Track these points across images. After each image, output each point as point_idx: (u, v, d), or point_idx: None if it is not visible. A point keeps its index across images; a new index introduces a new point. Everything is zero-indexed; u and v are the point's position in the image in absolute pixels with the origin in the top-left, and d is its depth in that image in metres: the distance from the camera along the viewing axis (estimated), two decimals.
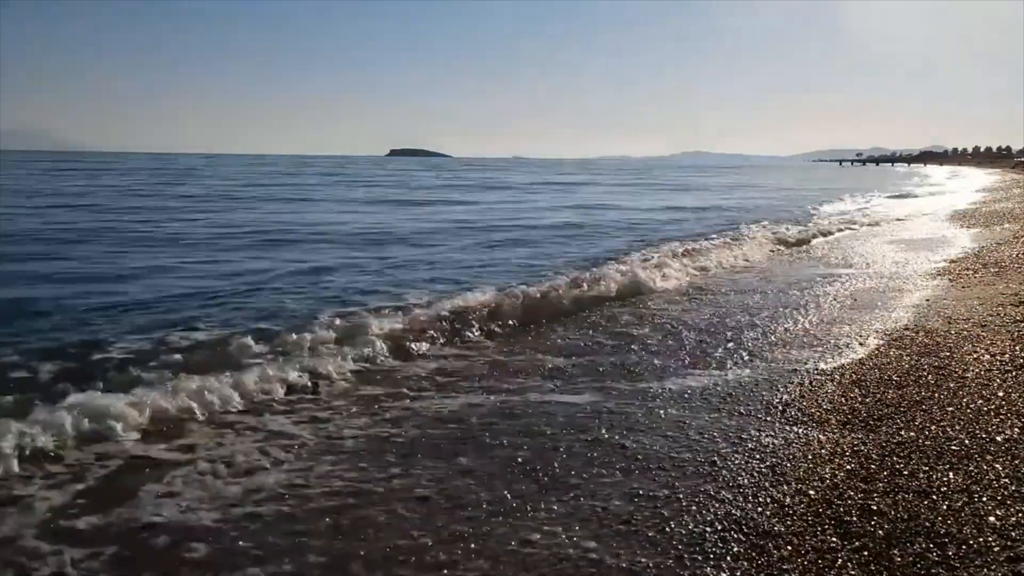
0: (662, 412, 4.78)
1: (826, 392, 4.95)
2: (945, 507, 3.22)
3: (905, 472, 3.61)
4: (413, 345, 6.23)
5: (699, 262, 11.08)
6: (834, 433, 4.22)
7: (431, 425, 4.51)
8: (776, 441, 4.15)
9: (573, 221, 18.85)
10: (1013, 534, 2.95)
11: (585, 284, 8.47)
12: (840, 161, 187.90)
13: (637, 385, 5.30)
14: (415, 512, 3.39)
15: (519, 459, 4.03)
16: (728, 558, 2.95)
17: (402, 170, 73.50)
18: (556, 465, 3.95)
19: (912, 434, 4.09)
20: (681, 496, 3.54)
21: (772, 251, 13.16)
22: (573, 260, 11.46)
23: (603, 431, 4.48)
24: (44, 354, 5.63)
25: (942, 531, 3.02)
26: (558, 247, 13.52)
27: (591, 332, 6.88)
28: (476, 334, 6.73)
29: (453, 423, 4.55)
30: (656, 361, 5.90)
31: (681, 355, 6.07)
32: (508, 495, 3.59)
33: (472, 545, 3.12)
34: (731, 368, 5.68)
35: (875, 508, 3.25)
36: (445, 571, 2.93)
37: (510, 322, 7.11)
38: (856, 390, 4.94)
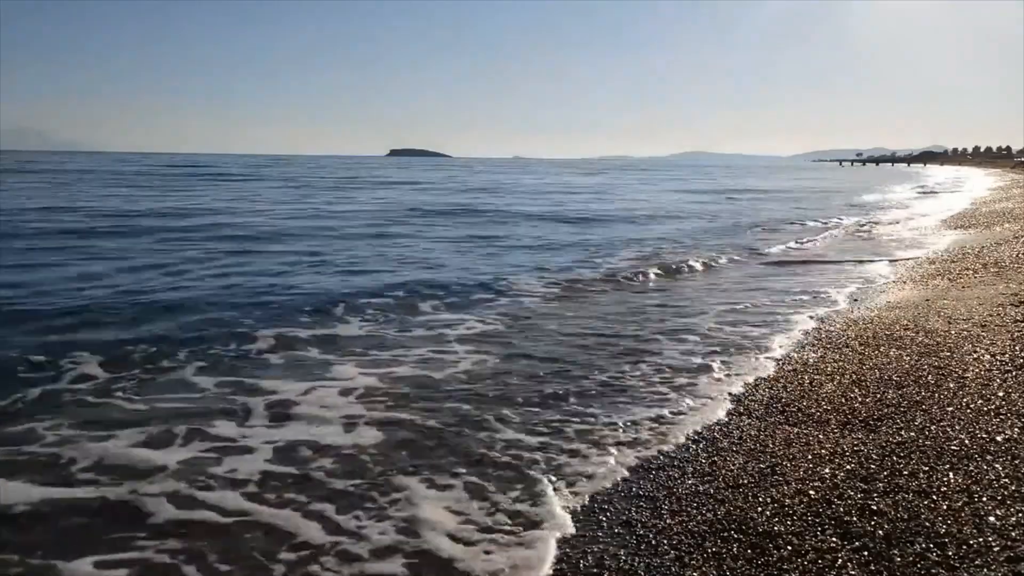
0: (662, 411, 4.80)
1: (826, 392, 4.95)
2: (945, 507, 3.21)
3: (905, 472, 3.61)
4: None
5: None
6: (834, 433, 4.21)
7: None
8: (776, 441, 4.15)
9: None
10: (1013, 534, 2.94)
11: None
12: (840, 161, 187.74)
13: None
14: None
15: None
16: (728, 558, 2.95)
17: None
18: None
19: (912, 434, 4.09)
20: (681, 496, 3.54)
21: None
22: None
23: (603, 430, 4.49)
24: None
25: (942, 531, 3.01)
26: None
27: None
28: None
29: None
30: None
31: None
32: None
33: None
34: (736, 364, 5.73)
35: (875, 508, 3.25)
36: None
37: None
38: (856, 390, 4.94)
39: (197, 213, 19.53)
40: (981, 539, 2.93)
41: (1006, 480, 3.42)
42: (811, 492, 3.46)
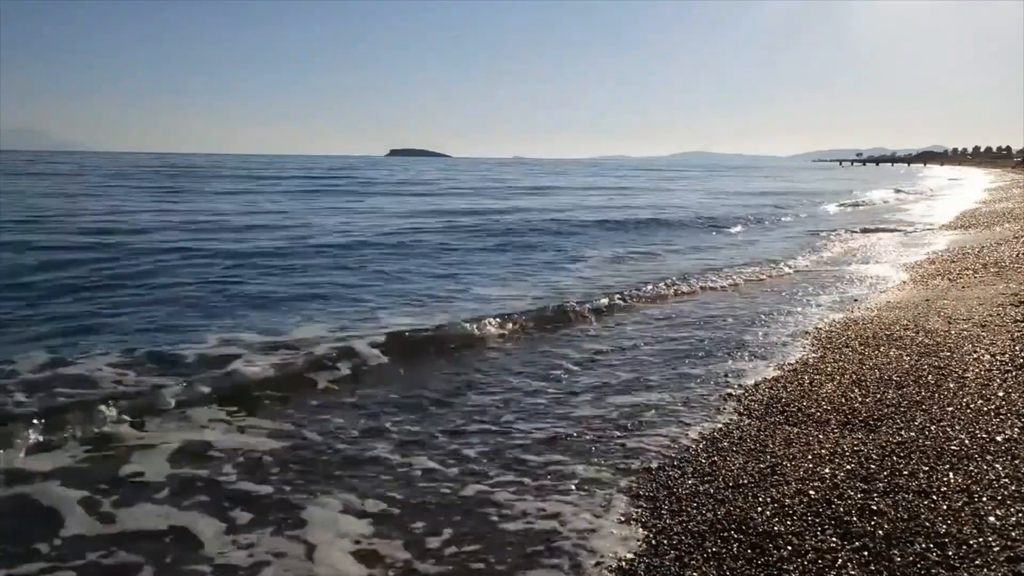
0: (663, 411, 4.80)
1: (826, 392, 4.95)
2: (945, 507, 3.21)
3: (905, 472, 3.61)
4: None
5: None
6: (834, 433, 4.21)
7: None
8: (776, 441, 4.15)
9: None
10: (1013, 534, 2.94)
11: None
12: (840, 161, 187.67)
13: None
14: None
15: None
16: (728, 558, 2.95)
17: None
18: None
19: (912, 434, 4.09)
20: (681, 496, 3.54)
21: None
22: None
23: (603, 430, 4.49)
24: None
25: (942, 531, 3.01)
26: None
27: None
28: None
29: None
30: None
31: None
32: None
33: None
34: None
35: (875, 508, 3.25)
36: None
37: None
38: (856, 390, 4.94)
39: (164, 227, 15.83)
40: (981, 539, 2.93)
41: (1006, 480, 3.42)
42: (811, 492, 3.46)
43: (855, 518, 3.17)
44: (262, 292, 8.77)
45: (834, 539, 3.02)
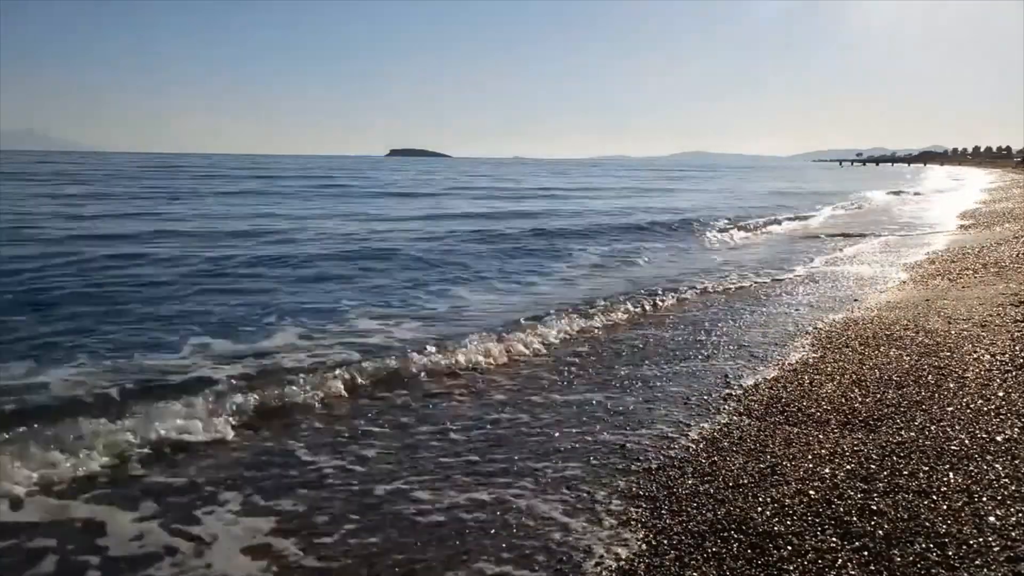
0: (663, 411, 4.80)
1: (826, 392, 4.95)
2: (945, 507, 3.21)
3: (905, 472, 3.61)
4: None
5: None
6: (834, 433, 4.21)
7: None
8: (776, 441, 4.15)
9: None
10: (1013, 534, 2.95)
11: None
12: (840, 161, 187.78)
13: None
14: None
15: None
16: (728, 558, 2.95)
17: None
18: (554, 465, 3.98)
19: (912, 434, 4.09)
20: (681, 496, 3.54)
21: None
22: None
23: (604, 432, 4.50)
24: None
25: (942, 531, 3.01)
26: None
27: None
28: None
29: None
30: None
31: None
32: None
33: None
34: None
35: (875, 508, 3.25)
36: None
37: None
38: (856, 390, 4.94)
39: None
40: (981, 539, 2.93)
41: (1006, 480, 3.42)
42: (811, 492, 3.46)
43: (855, 518, 3.18)
44: (246, 301, 8.55)
45: (834, 539, 3.02)
